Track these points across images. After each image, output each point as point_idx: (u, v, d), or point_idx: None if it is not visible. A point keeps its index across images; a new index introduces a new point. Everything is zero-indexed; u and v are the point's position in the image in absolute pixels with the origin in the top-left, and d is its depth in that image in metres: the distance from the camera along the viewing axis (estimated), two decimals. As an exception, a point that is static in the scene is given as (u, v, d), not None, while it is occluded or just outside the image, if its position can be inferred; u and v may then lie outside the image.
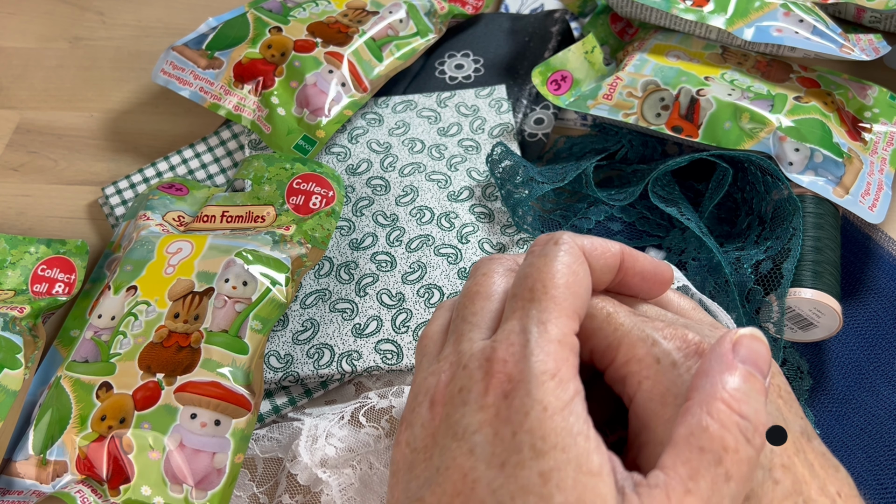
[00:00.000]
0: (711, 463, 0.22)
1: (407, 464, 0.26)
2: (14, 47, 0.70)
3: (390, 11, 0.60)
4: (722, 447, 0.22)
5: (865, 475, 0.42)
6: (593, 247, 0.27)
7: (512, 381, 0.24)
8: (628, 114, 0.52)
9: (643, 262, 0.29)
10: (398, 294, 0.48)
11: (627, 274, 0.28)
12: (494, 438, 0.23)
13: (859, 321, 0.47)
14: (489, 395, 0.24)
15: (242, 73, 0.56)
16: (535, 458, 0.22)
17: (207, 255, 0.47)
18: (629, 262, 0.28)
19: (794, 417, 0.27)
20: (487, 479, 0.23)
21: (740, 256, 0.46)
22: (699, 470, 0.22)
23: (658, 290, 0.30)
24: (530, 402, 0.23)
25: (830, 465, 0.26)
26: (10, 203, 0.59)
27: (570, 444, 0.22)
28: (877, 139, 0.51)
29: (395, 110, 0.58)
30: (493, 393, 0.24)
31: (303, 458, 0.40)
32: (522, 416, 0.23)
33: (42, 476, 0.42)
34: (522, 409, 0.23)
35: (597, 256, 0.27)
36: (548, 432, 0.22)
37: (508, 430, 0.23)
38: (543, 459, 0.22)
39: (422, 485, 0.24)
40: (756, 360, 0.24)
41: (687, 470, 0.22)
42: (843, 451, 0.43)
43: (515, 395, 0.23)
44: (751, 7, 0.53)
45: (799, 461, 0.25)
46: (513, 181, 0.51)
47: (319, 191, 0.51)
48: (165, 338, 0.44)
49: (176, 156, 0.59)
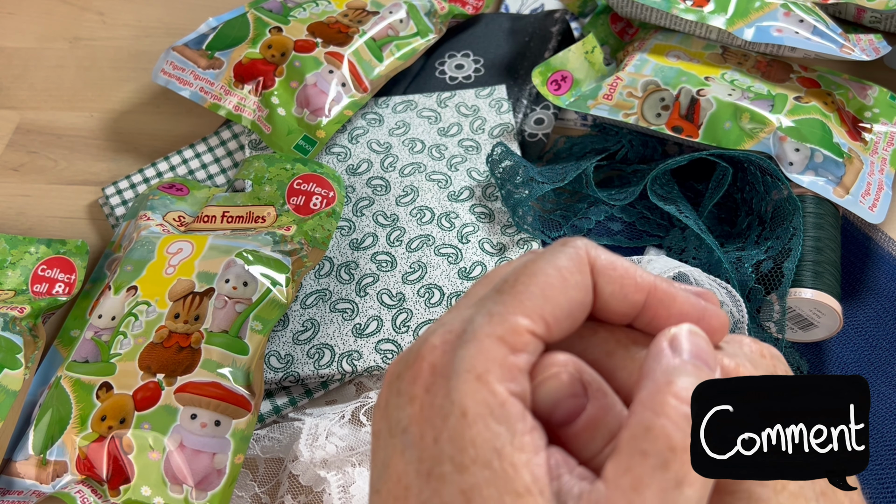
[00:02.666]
0: (657, 468, 0.19)
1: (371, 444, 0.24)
2: (14, 47, 0.70)
3: (390, 11, 0.60)
4: (668, 447, 0.19)
5: (867, 475, 0.42)
6: (612, 266, 0.23)
7: (435, 374, 0.21)
8: (628, 114, 0.52)
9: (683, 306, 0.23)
10: (398, 294, 0.48)
11: (659, 316, 0.23)
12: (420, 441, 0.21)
13: (859, 321, 0.47)
14: (416, 384, 0.21)
15: (243, 73, 0.56)
16: (455, 471, 0.20)
17: (208, 255, 0.47)
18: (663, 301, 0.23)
19: None
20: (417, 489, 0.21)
21: (741, 256, 0.46)
22: (642, 478, 0.19)
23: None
24: (449, 405, 0.20)
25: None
26: (10, 203, 0.59)
27: (491, 458, 0.20)
28: (877, 139, 0.51)
29: (395, 110, 0.58)
30: (419, 383, 0.21)
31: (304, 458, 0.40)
32: (441, 419, 0.20)
33: (42, 476, 0.42)
34: (442, 411, 0.20)
35: (612, 278, 0.23)
36: (467, 444, 0.20)
37: (431, 434, 0.21)
38: (464, 475, 0.20)
39: (377, 476, 0.23)
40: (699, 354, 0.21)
41: (629, 480, 0.19)
42: (844, 451, 0.43)
43: (437, 392, 0.21)
44: (751, 7, 0.53)
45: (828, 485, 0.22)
46: (513, 181, 0.51)
47: (320, 191, 0.51)
48: (166, 338, 0.44)
49: (176, 156, 0.59)
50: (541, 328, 0.22)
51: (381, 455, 0.22)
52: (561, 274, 0.22)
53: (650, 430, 0.19)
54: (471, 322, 0.22)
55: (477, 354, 0.21)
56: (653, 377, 0.20)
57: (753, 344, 0.24)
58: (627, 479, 0.19)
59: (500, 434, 0.20)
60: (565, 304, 0.22)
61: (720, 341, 0.24)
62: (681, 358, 0.21)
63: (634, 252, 0.51)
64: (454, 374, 0.21)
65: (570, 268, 0.23)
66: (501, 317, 0.21)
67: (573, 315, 0.23)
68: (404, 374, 0.22)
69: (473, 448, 0.20)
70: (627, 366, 0.23)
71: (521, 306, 0.22)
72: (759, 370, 0.23)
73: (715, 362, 0.21)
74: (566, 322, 0.23)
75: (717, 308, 0.24)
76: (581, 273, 0.23)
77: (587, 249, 0.23)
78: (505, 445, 0.20)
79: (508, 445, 0.20)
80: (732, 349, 0.23)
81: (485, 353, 0.21)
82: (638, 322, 0.24)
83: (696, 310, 0.23)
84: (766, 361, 0.24)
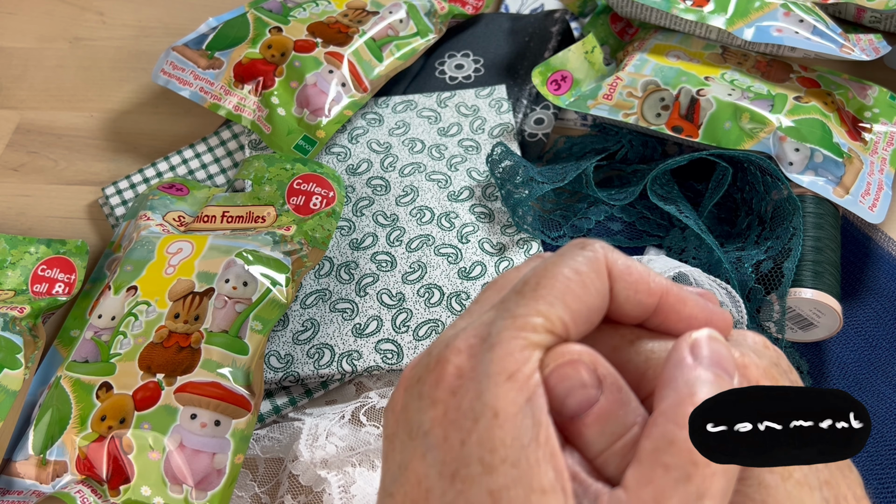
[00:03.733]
0: (679, 481, 0.19)
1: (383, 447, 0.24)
2: (14, 47, 0.70)
3: (390, 11, 0.60)
4: (691, 461, 0.19)
5: (868, 475, 0.42)
6: (628, 271, 0.23)
7: (462, 377, 0.21)
8: (628, 114, 0.52)
9: (693, 310, 0.24)
10: (398, 294, 0.48)
11: (669, 319, 0.24)
12: (444, 444, 0.21)
13: (859, 321, 0.47)
14: (440, 388, 0.22)
15: (242, 73, 0.56)
16: (484, 473, 0.20)
17: (208, 255, 0.47)
18: (674, 305, 0.24)
19: None
20: (440, 491, 0.21)
21: (741, 256, 0.46)
22: (664, 491, 0.19)
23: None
24: (480, 407, 0.21)
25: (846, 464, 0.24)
26: (10, 203, 0.59)
27: (520, 458, 0.20)
28: (877, 139, 0.51)
29: (395, 110, 0.58)
30: (443, 386, 0.22)
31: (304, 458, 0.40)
32: (471, 422, 0.21)
33: (42, 476, 0.42)
34: (472, 413, 0.21)
35: (627, 283, 0.23)
36: (497, 444, 0.20)
37: (457, 437, 0.21)
38: (493, 476, 0.20)
39: (392, 480, 0.23)
40: (720, 362, 0.22)
41: (651, 492, 0.19)
42: (844, 450, 0.43)
43: (465, 395, 0.21)
44: (751, 7, 0.53)
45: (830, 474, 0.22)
46: (513, 181, 0.51)
47: (320, 191, 0.51)
48: (165, 338, 0.44)
49: (176, 156, 0.59)
50: (561, 330, 0.22)
51: (396, 458, 0.22)
52: (581, 278, 0.23)
53: (673, 443, 0.20)
54: (494, 325, 0.22)
55: (506, 356, 0.21)
56: (675, 387, 0.21)
57: (756, 336, 0.25)
58: (649, 490, 0.19)
59: (528, 430, 0.20)
60: (584, 308, 0.23)
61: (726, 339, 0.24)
62: (702, 366, 0.21)
63: (634, 252, 0.51)
64: (484, 375, 0.21)
65: (589, 272, 0.23)
66: (525, 319, 0.22)
67: (590, 319, 0.23)
68: (426, 377, 0.22)
69: (504, 448, 0.20)
70: (633, 360, 0.24)
71: (542, 309, 0.22)
72: (764, 360, 0.23)
73: (734, 368, 0.22)
74: (584, 326, 0.23)
75: (720, 309, 0.24)
76: (599, 278, 0.23)
77: (605, 254, 0.23)
78: (532, 442, 0.20)
79: (534, 441, 0.20)
80: (738, 340, 0.24)
81: (514, 353, 0.21)
82: (648, 324, 0.25)
83: (705, 313, 0.24)
84: (770, 352, 0.24)
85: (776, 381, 0.23)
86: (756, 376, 0.22)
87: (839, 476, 0.23)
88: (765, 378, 0.23)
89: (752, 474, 0.22)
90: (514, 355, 0.21)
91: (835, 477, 0.23)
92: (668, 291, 0.24)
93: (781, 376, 0.23)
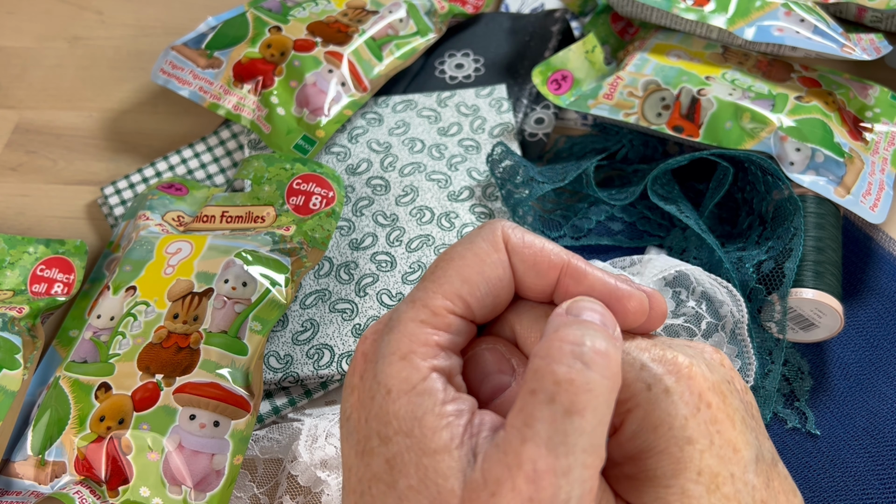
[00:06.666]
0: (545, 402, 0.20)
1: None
2: (13, 47, 0.70)
3: (390, 11, 0.60)
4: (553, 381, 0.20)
5: (868, 475, 0.42)
6: (524, 243, 0.25)
7: (366, 361, 0.23)
8: (629, 113, 0.52)
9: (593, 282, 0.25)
10: (398, 294, 0.48)
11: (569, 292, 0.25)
12: (357, 425, 0.23)
13: (861, 321, 0.47)
14: (354, 375, 0.23)
15: (242, 72, 0.56)
16: (381, 444, 0.22)
17: (207, 255, 0.47)
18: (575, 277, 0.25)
19: (764, 440, 0.24)
20: (356, 468, 0.22)
21: (742, 256, 0.46)
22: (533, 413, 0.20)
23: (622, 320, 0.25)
24: (376, 386, 0.22)
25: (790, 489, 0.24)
26: (8, 203, 0.59)
27: (413, 427, 0.21)
28: (878, 139, 0.51)
29: (395, 110, 0.58)
30: (356, 373, 0.23)
31: (303, 458, 0.40)
32: (370, 399, 0.22)
33: (40, 477, 0.41)
34: (370, 392, 0.22)
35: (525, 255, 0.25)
36: (390, 418, 0.22)
37: (363, 415, 0.23)
38: (388, 446, 0.21)
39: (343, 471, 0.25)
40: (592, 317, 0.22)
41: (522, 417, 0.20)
42: (846, 451, 0.43)
43: (367, 377, 0.23)
44: (752, 6, 0.53)
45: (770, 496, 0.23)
46: (513, 181, 0.50)
47: (319, 191, 0.51)
48: (164, 338, 0.44)
49: (175, 156, 0.59)
50: (460, 307, 0.24)
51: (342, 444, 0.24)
52: (476, 255, 0.24)
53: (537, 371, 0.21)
54: (397, 310, 0.24)
55: (401, 338, 0.23)
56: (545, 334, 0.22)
57: (715, 353, 0.25)
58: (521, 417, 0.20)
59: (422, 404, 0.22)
60: (482, 282, 0.24)
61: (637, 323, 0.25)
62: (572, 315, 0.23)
63: (635, 252, 0.51)
64: (380, 357, 0.23)
65: (485, 248, 0.25)
66: (423, 301, 0.24)
67: (494, 292, 0.25)
68: (352, 367, 0.24)
69: (396, 420, 0.22)
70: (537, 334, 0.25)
71: (440, 290, 0.24)
72: (715, 375, 0.24)
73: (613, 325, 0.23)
74: (488, 299, 0.25)
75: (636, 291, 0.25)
76: (497, 251, 0.25)
77: (503, 229, 0.25)
78: (426, 414, 0.21)
79: (430, 414, 0.21)
80: (691, 352, 0.24)
81: (408, 335, 0.23)
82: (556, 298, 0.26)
83: (608, 287, 0.25)
84: (725, 370, 0.24)
85: (725, 398, 0.23)
86: (702, 387, 0.23)
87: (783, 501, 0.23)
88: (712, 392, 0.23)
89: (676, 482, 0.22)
90: (409, 336, 0.23)
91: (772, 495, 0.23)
92: (569, 264, 0.25)
93: (732, 394, 0.23)
